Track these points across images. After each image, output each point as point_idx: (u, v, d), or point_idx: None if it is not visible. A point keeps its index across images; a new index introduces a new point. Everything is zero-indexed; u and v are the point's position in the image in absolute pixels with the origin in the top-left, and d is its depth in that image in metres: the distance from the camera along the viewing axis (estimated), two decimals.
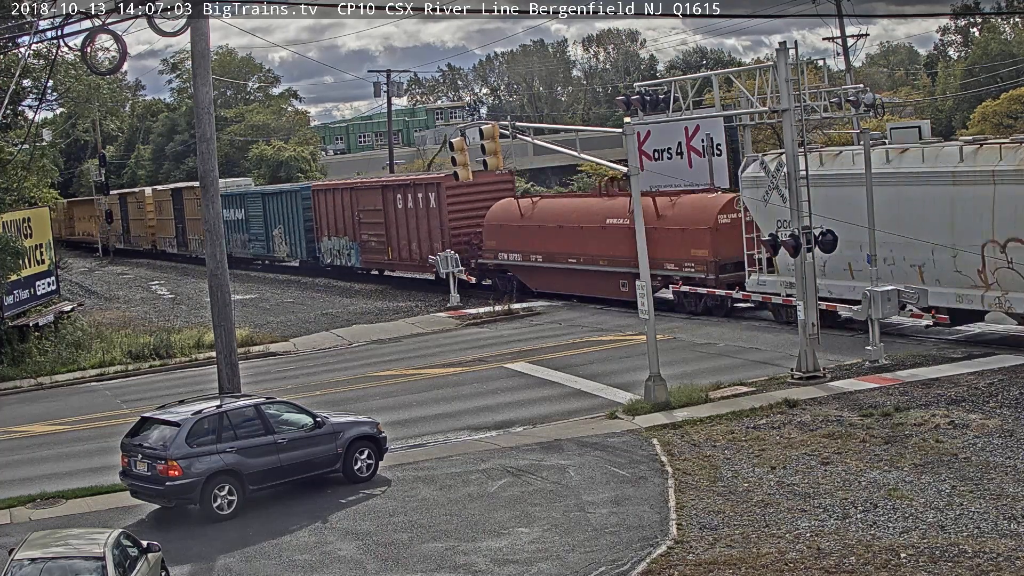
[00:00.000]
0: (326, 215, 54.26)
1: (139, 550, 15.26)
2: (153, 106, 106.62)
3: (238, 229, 63.06)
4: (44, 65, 38.29)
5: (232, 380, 23.73)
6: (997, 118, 60.75)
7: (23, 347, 36.98)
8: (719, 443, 21.57)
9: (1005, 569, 14.77)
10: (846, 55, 56.90)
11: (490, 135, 26.70)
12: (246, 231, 62.57)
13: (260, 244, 61.57)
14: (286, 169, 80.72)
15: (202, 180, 24.21)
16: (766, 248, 28.99)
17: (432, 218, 46.16)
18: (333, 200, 53.75)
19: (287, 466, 20.26)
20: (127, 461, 20.14)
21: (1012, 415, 21.59)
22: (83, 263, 77.08)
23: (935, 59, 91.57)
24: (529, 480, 20.35)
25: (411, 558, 17.11)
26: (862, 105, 27.48)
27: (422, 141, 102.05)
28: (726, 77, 40.97)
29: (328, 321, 42.26)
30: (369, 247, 51.16)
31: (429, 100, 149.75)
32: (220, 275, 24.00)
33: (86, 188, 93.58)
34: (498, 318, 39.25)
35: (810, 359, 25.98)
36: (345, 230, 52.85)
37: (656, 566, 15.93)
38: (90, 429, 27.73)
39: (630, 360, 29.55)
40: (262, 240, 61.18)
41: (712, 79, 29.95)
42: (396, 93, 78.18)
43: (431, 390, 28.92)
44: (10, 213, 38.25)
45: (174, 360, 36.11)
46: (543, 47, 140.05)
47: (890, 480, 18.55)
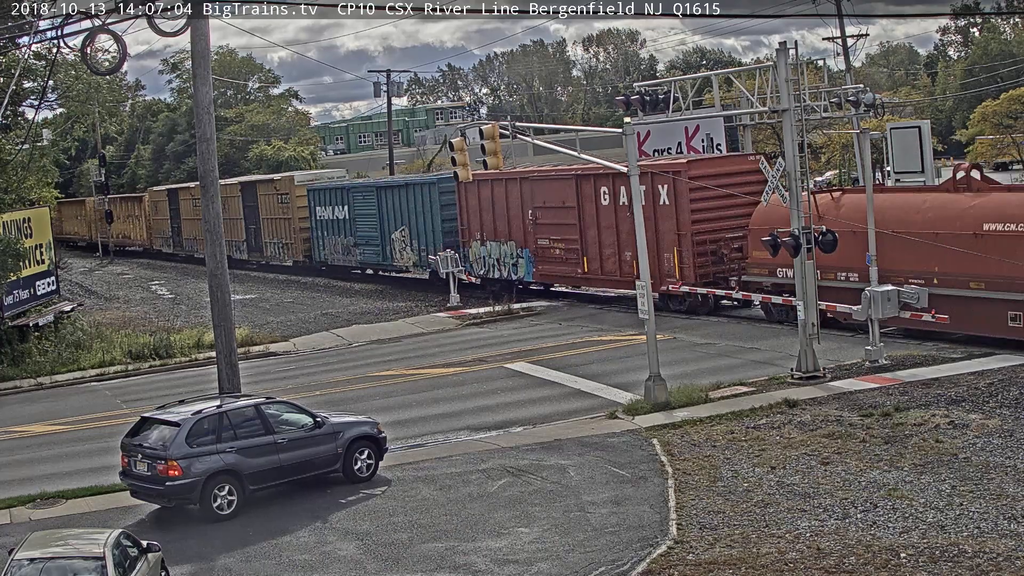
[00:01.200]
0: (479, 214, 43.65)
1: (139, 550, 15.26)
2: (153, 106, 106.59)
3: (337, 230, 53.53)
4: (44, 65, 38.27)
5: (232, 380, 23.73)
6: (997, 118, 60.78)
7: (23, 347, 37.00)
8: (719, 443, 21.57)
9: (1005, 569, 14.77)
10: (846, 55, 56.91)
11: (490, 135, 26.71)
12: (350, 233, 52.30)
13: (371, 250, 50.84)
14: (285, 169, 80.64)
15: (202, 180, 24.20)
16: (766, 247, 28.90)
17: (663, 218, 35.42)
18: (491, 194, 43.12)
19: (287, 466, 20.26)
20: (127, 461, 20.14)
21: (1012, 415, 21.59)
22: (83, 263, 77.05)
23: (935, 59, 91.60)
24: (529, 480, 20.35)
25: (411, 558, 17.11)
26: (862, 105, 27.48)
27: (422, 141, 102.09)
28: (726, 77, 41.05)
29: (328, 321, 42.26)
30: (549, 256, 40.91)
31: (429, 100, 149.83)
32: (220, 275, 23.99)
33: (86, 188, 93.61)
34: (498, 318, 39.24)
35: (810, 359, 25.98)
36: (509, 233, 42.44)
37: (656, 566, 15.93)
38: (90, 429, 27.72)
39: (630, 360, 29.55)
40: (374, 245, 50.44)
41: (712, 79, 30.01)
42: (396, 93, 78.18)
43: (431, 390, 28.92)
44: (10, 213, 38.27)
45: (174, 360, 36.11)
46: (543, 47, 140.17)
47: (890, 480, 18.55)
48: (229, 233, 61.18)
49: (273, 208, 59.25)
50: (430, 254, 45.18)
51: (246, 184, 63.63)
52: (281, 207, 58.43)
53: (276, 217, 59.18)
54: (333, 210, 53.37)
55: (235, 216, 62.53)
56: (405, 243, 48.20)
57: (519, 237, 41.97)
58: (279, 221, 59.15)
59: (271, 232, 59.81)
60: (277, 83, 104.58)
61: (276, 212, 58.99)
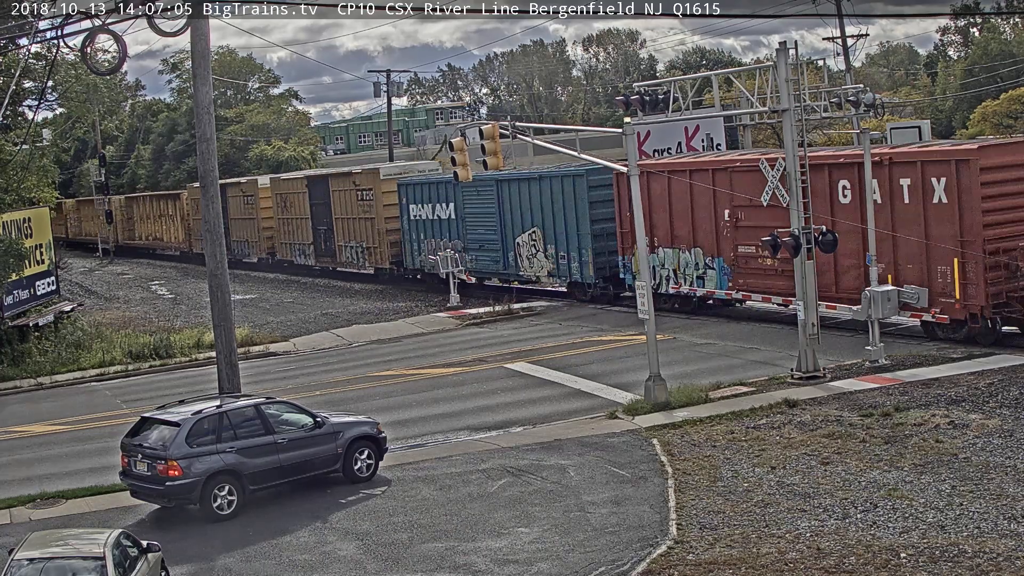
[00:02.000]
0: (648, 213, 33.19)
1: (139, 550, 15.26)
2: (153, 106, 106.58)
3: (438, 232, 45.56)
4: (44, 66, 38.28)
5: (232, 380, 23.74)
6: (997, 118, 60.77)
7: (23, 347, 37.01)
8: (719, 443, 21.57)
9: (1005, 569, 14.76)
10: (846, 55, 56.93)
11: (490, 135, 26.70)
12: (456, 235, 44.34)
13: (489, 256, 42.91)
14: (286, 169, 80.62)
15: (202, 180, 24.20)
16: (765, 247, 28.88)
17: (938, 220, 27.68)
18: (667, 188, 34.82)
19: (287, 466, 20.26)
20: (127, 461, 20.15)
21: (1012, 415, 21.58)
22: (83, 263, 77.03)
23: (935, 59, 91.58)
24: (529, 480, 20.34)
25: (411, 558, 17.11)
26: (862, 105, 27.45)
27: (422, 141, 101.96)
28: (726, 77, 41.02)
29: (328, 321, 42.26)
30: (753, 267, 32.75)
31: (429, 100, 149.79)
32: (220, 275, 24.00)
33: (86, 188, 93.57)
34: (498, 318, 39.22)
35: (810, 359, 25.98)
36: (693, 238, 34.35)
37: (656, 566, 15.93)
38: (90, 429, 27.73)
39: (630, 360, 29.55)
40: (492, 250, 42.67)
41: (712, 79, 29.96)
42: (396, 93, 78.12)
43: (431, 390, 28.92)
44: (10, 213, 38.28)
45: (174, 360, 36.11)
46: (543, 47, 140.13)
47: (890, 480, 18.55)
48: (291, 235, 56.90)
49: (351, 206, 51.24)
50: (573, 261, 38.88)
51: (315, 179, 55.55)
52: (361, 205, 50.46)
53: (355, 217, 51.11)
54: (433, 208, 45.45)
55: (299, 215, 55.87)
56: (536, 248, 40.39)
57: (708, 243, 33.80)
58: (359, 221, 51.02)
59: (348, 234, 51.69)
60: (277, 83, 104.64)
61: (355, 211, 51.02)
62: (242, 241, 62.85)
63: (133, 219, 78.97)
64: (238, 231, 62.63)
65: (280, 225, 58.45)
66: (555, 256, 39.87)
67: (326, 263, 54.75)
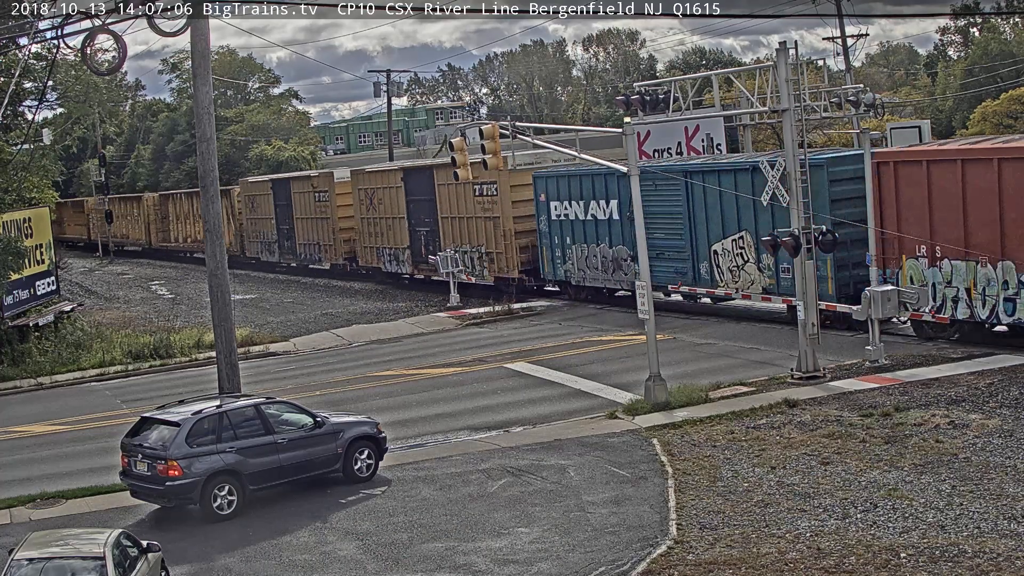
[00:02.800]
0: (925, 214, 27.68)
1: (139, 550, 15.26)
2: (153, 106, 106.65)
3: (595, 235, 38.36)
4: (44, 66, 38.30)
5: (232, 380, 23.75)
6: (997, 118, 60.76)
7: (23, 347, 37.02)
8: (719, 443, 21.57)
9: (1005, 569, 14.76)
10: (846, 55, 56.94)
11: (490, 135, 26.70)
12: (620, 240, 37.27)
13: (670, 266, 35.44)
14: (286, 169, 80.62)
15: (202, 180, 24.21)
16: (765, 247, 28.90)
17: None
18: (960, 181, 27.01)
19: (287, 466, 20.26)
20: (127, 461, 20.15)
21: (1012, 415, 21.58)
22: (83, 263, 77.02)
23: (935, 59, 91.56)
24: (529, 480, 20.35)
25: (411, 558, 17.11)
26: (862, 105, 27.46)
27: (422, 141, 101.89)
28: (726, 77, 41.02)
29: (328, 321, 42.26)
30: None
31: (429, 100, 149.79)
32: (220, 275, 24.01)
33: (86, 188, 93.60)
34: (498, 318, 39.22)
35: (810, 359, 25.98)
36: (1001, 247, 26.24)
37: (656, 566, 15.93)
38: (90, 429, 27.73)
39: (630, 360, 29.55)
40: (677, 259, 35.22)
41: (712, 79, 29.96)
42: (396, 93, 78.07)
43: (431, 390, 28.92)
44: (10, 213, 38.30)
45: (174, 360, 36.12)
46: (542, 47, 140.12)
47: (890, 480, 18.55)
48: (379, 238, 49.29)
49: (464, 203, 43.65)
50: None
51: (414, 170, 47.46)
52: (480, 201, 42.83)
53: (469, 215, 43.50)
54: (586, 206, 38.37)
55: (390, 215, 48.17)
56: (745, 258, 32.92)
57: (1020, 255, 26.01)
58: (474, 221, 43.39)
59: (458, 235, 43.94)
60: (277, 83, 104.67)
61: (469, 208, 43.45)
62: (310, 244, 55.23)
63: (168, 219, 72.88)
64: (305, 233, 55.43)
65: (364, 226, 50.39)
66: (775, 267, 31.74)
67: (427, 270, 46.55)
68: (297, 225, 55.88)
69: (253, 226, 61.72)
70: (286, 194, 57.00)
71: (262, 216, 60.22)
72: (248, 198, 61.63)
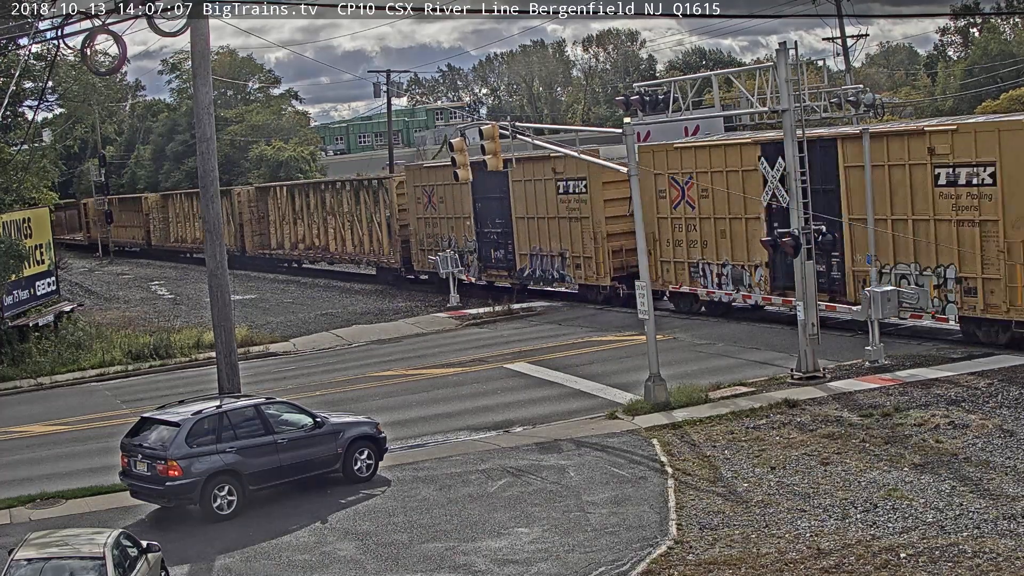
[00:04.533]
0: None
1: (139, 550, 15.26)
2: (153, 106, 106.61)
3: None
4: (44, 66, 38.31)
5: (232, 380, 23.75)
6: None
7: (23, 347, 37.01)
8: (719, 443, 21.57)
9: (1005, 569, 14.76)
10: (846, 55, 56.94)
11: (490, 135, 26.71)
12: None
13: None
14: (286, 169, 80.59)
15: (202, 180, 24.20)
16: (764, 247, 28.88)
17: None
18: None
19: (287, 466, 20.26)
20: (127, 461, 20.15)
21: (1012, 415, 21.58)
22: (83, 263, 76.99)
23: (935, 59, 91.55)
24: (529, 480, 20.35)
25: (411, 558, 17.11)
26: (862, 105, 27.48)
27: (422, 141, 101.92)
28: (726, 77, 41.01)
29: (328, 321, 42.25)
30: None
31: (429, 100, 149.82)
32: (220, 275, 24.00)
33: (86, 188, 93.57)
34: (498, 318, 39.20)
35: (810, 359, 25.97)
36: None
37: (656, 566, 15.93)
38: (90, 429, 27.73)
39: (630, 360, 29.54)
40: None
41: (712, 79, 29.94)
42: (396, 93, 77.95)
43: (431, 390, 28.92)
44: (10, 213, 38.30)
45: (174, 360, 36.12)
46: (543, 47, 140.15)
47: (890, 480, 18.55)
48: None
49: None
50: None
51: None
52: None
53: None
54: None
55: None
56: None
57: None
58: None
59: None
60: (277, 83, 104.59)
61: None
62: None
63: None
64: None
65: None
66: None
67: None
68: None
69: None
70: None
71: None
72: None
